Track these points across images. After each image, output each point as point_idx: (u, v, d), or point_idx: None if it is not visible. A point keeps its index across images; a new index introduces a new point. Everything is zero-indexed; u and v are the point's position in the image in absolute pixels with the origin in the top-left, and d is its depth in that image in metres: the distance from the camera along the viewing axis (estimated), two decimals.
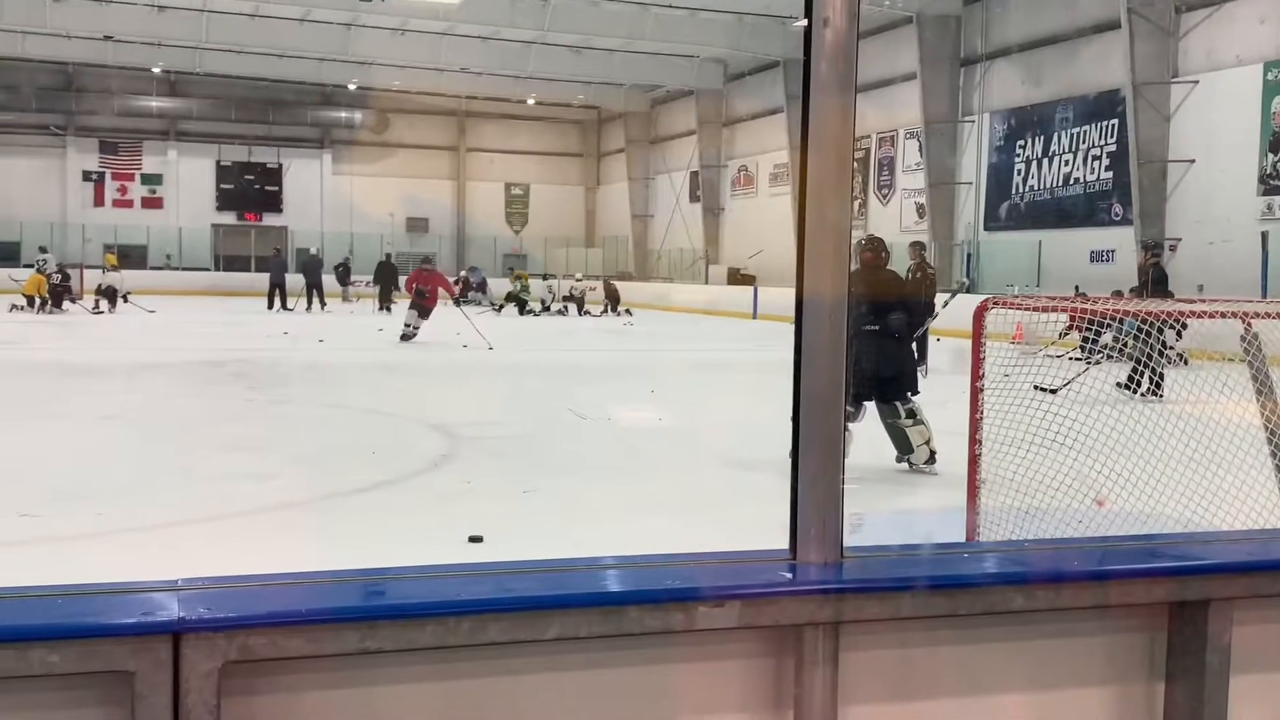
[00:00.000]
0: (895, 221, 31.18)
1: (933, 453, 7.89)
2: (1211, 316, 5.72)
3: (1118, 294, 18.94)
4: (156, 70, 40.84)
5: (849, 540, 1.53)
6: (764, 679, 1.46)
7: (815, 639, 1.43)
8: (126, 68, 39.75)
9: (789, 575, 1.45)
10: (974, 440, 5.18)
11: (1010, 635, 1.53)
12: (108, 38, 35.18)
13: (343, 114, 45.33)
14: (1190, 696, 1.55)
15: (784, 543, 1.54)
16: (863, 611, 1.44)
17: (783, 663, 1.45)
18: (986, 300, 5.44)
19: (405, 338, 20.41)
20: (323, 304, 31.56)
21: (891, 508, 7.06)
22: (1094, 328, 8.18)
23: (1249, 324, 5.18)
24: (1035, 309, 5.62)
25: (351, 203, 44.80)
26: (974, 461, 5.12)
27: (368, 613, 1.28)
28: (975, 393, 5.36)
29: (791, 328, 1.61)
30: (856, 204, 33.28)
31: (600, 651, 1.38)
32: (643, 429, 10.22)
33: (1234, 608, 1.55)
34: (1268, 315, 5.28)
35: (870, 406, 8.05)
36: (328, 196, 45.58)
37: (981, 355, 5.44)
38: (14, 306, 26.65)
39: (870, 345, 7.79)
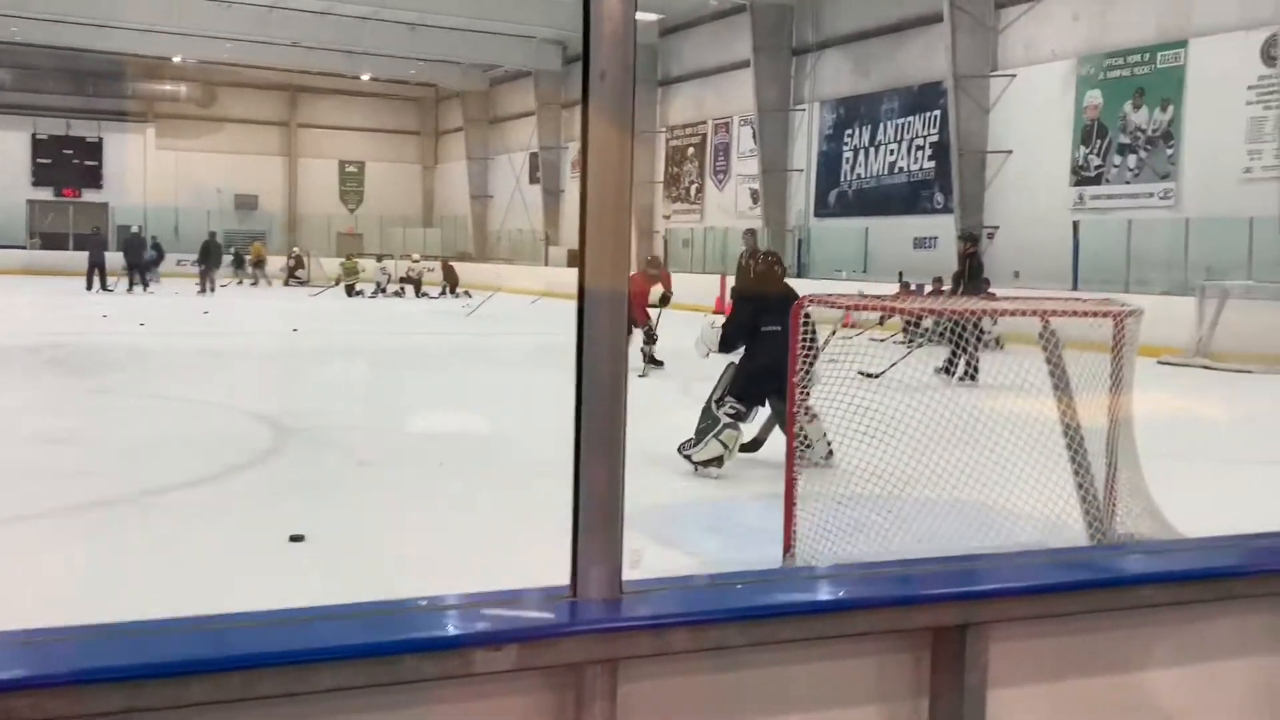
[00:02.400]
0: (731, 207, 31.67)
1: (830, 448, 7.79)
2: (1012, 314, 6.00)
3: (938, 280, 19.70)
4: None
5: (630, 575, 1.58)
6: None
7: (594, 677, 1.47)
8: None
9: (568, 615, 1.49)
10: (791, 436, 5.32)
11: (781, 661, 1.59)
12: None
13: (167, 87, 43.66)
14: (951, 714, 1.65)
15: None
16: (638, 648, 1.49)
17: (563, 701, 1.49)
18: (804, 299, 5.58)
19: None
20: (145, 284, 30.43)
21: (714, 512, 7.18)
22: (915, 315, 8.51)
23: (1047, 322, 5.44)
24: (853, 306, 5.80)
25: (176, 179, 43.27)
26: (791, 458, 5.27)
27: (132, 672, 1.26)
28: (793, 390, 5.51)
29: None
30: (693, 188, 33.69)
31: (378, 697, 1.39)
32: (471, 426, 10.08)
33: (989, 630, 1.66)
34: (1065, 313, 5.55)
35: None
36: (151, 172, 43.90)
37: (802, 351, 5.60)
38: None
39: (773, 345, 7.32)
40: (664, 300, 14.25)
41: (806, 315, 5.71)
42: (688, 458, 7.51)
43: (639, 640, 1.48)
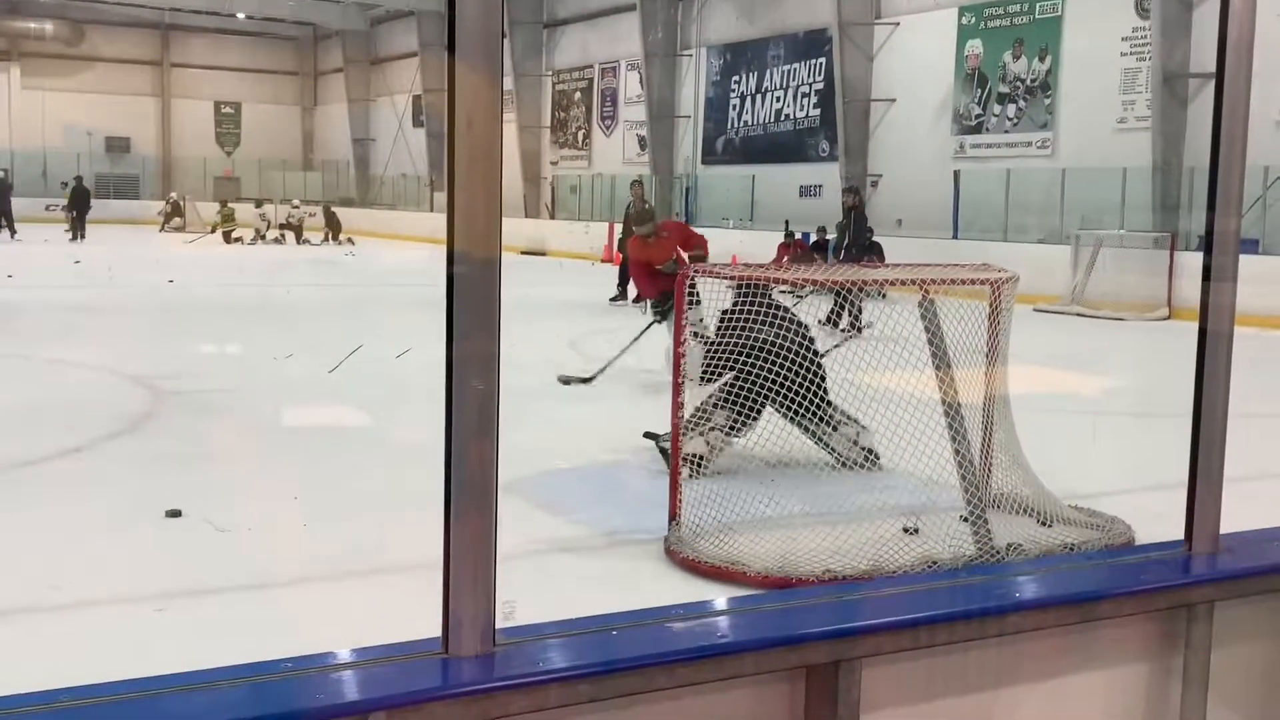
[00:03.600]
0: (618, 154, 31.51)
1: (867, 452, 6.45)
2: (892, 284, 6.07)
3: (822, 230, 19.93)
4: None
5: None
6: None
7: None
8: None
9: (439, 677, 1.46)
10: (676, 411, 5.34)
11: (660, 709, 1.59)
12: None
13: (32, 25, 41.74)
14: None
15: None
16: (511, 706, 1.47)
17: None
18: (686, 271, 5.58)
19: None
20: (13, 231, 29.26)
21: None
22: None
23: (926, 292, 5.51)
24: (737, 277, 5.82)
25: (44, 120, 41.54)
26: (677, 436, 5.29)
27: None
28: (678, 359, 5.52)
29: (515, 257, 1.54)
30: (580, 134, 33.42)
31: None
32: (350, 393, 9.84)
33: (860, 666, 1.68)
34: (944, 282, 5.62)
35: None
36: (16, 113, 42.04)
37: (686, 323, 5.61)
38: None
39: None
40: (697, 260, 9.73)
41: (692, 286, 5.73)
42: (663, 451, 6.37)
43: (511, 700, 1.46)
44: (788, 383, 5.78)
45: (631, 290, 16.77)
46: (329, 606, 4.62)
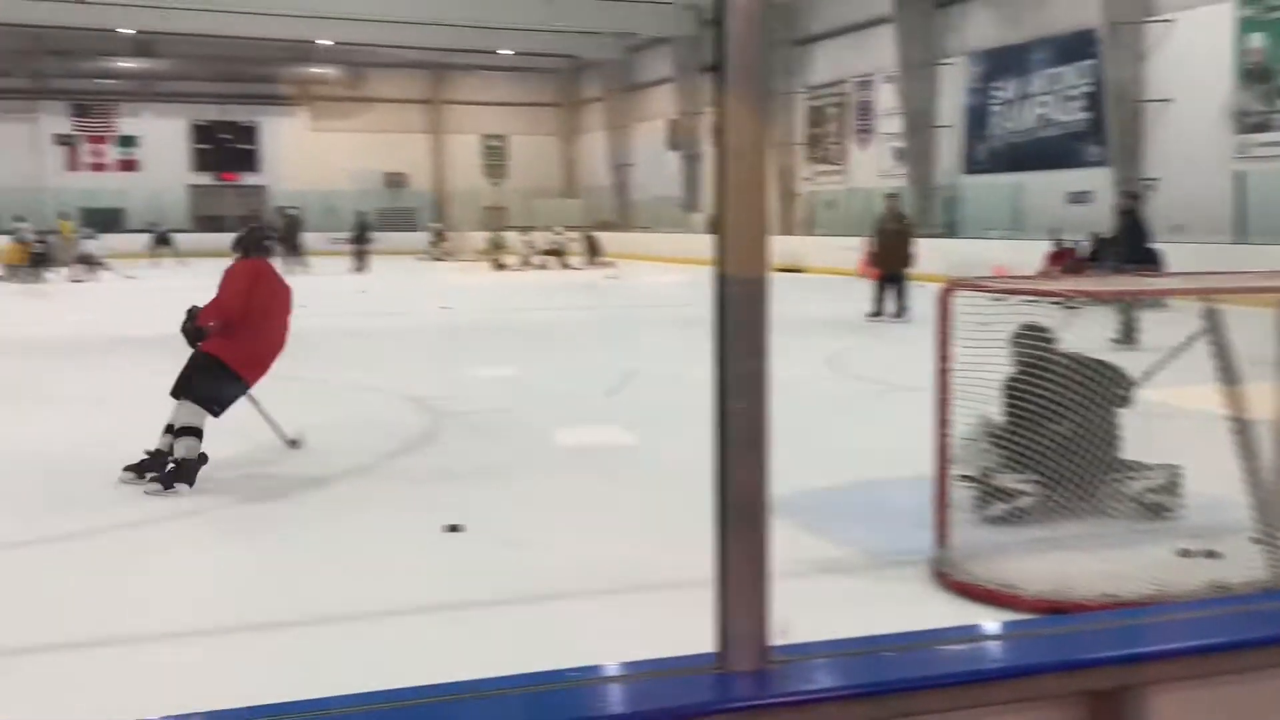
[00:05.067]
0: (875, 167, 31.12)
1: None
2: (1173, 294, 5.76)
3: (1095, 237, 19.04)
4: (127, 31, 40.25)
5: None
6: None
7: None
8: (97, 29, 39.19)
9: (714, 691, 1.49)
10: (944, 430, 5.23)
11: None
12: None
13: (316, 70, 44.88)
14: None
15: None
16: None
17: None
18: (950, 284, 5.45)
19: None
20: (304, 264, 31.40)
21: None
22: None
23: (1210, 301, 5.21)
24: (1001, 290, 5.64)
25: (330, 160, 44.52)
26: (945, 455, 5.18)
27: None
28: (945, 377, 5.40)
29: (775, 275, 1.56)
30: (835, 149, 33.18)
31: None
32: (621, 413, 10.12)
33: (1147, 693, 1.61)
34: (1230, 290, 5.30)
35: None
36: (305, 154, 45.24)
37: (949, 339, 5.48)
38: None
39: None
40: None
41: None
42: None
43: (789, 717, 1.48)
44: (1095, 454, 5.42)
45: (889, 305, 16.54)
46: (604, 620, 4.76)
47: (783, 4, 33.21)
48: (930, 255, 19.44)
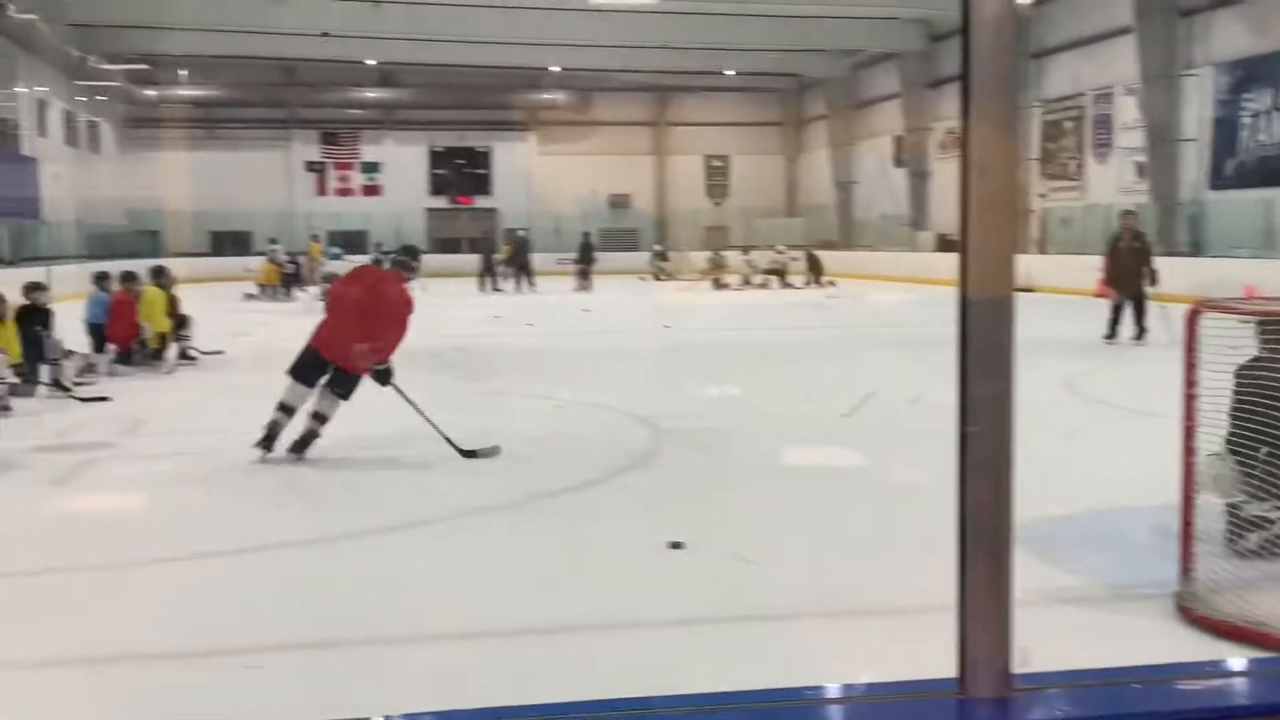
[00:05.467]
0: (1113, 182, 29.86)
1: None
2: None
3: None
4: (371, 63, 42.50)
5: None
6: None
7: None
8: (344, 61, 41.49)
9: (955, 716, 1.46)
10: (1189, 457, 4.97)
11: None
12: (325, 34, 36.81)
13: (546, 96, 46.23)
14: None
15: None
16: None
17: None
18: (1197, 305, 5.18)
19: None
20: (531, 284, 32.37)
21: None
22: None
23: None
24: (1254, 312, 5.32)
25: (556, 182, 45.74)
26: (1190, 483, 4.91)
27: None
28: (1191, 403, 5.14)
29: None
30: (1072, 164, 32.01)
31: None
32: (844, 433, 10.03)
33: None
34: None
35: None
36: (533, 177, 46.63)
37: (1196, 362, 5.21)
38: (248, 295, 28.29)
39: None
40: None
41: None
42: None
43: None
44: None
45: (1127, 327, 15.80)
46: (832, 640, 4.72)
47: (1019, 17, 32.27)
48: (1174, 275, 18.50)
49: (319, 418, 8.51)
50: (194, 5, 33.03)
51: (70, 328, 13.96)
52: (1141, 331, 15.63)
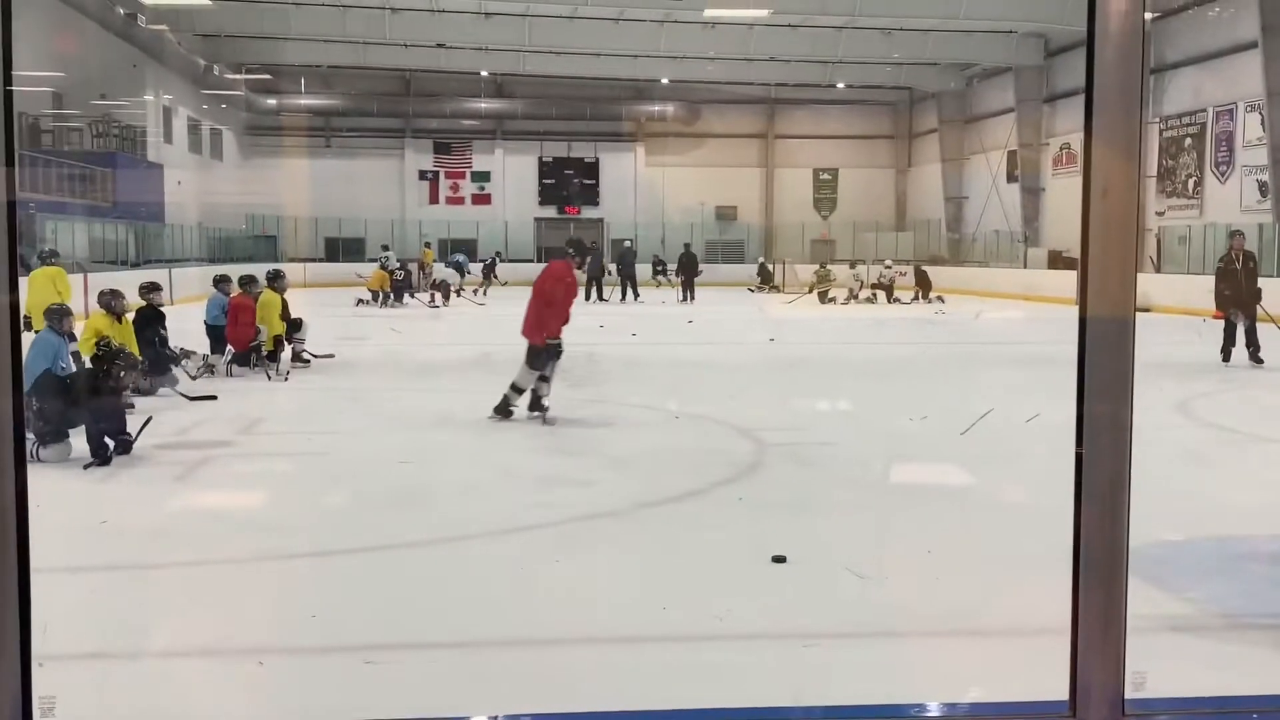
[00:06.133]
0: (1235, 201, 29.02)
1: None
2: None
3: None
4: (484, 74, 43.17)
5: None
6: None
7: None
8: (457, 72, 42.20)
9: None
10: None
11: None
12: (440, 45, 37.53)
13: (655, 108, 46.46)
14: None
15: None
16: None
17: None
18: None
19: None
20: (636, 294, 32.50)
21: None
22: None
23: None
24: None
25: (663, 194, 45.92)
26: None
27: None
28: None
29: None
30: (1190, 182, 31.21)
31: None
32: (953, 452, 9.89)
33: None
34: None
35: None
36: (640, 188, 46.88)
37: None
38: (359, 300, 28.88)
39: None
40: None
41: None
42: None
43: None
44: None
45: (1241, 349, 15.34)
46: (941, 658, 4.68)
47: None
48: None
49: (515, 388, 10.54)
50: (314, 17, 33.98)
51: (190, 329, 14.44)
52: (1256, 352, 15.20)
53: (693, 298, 32.36)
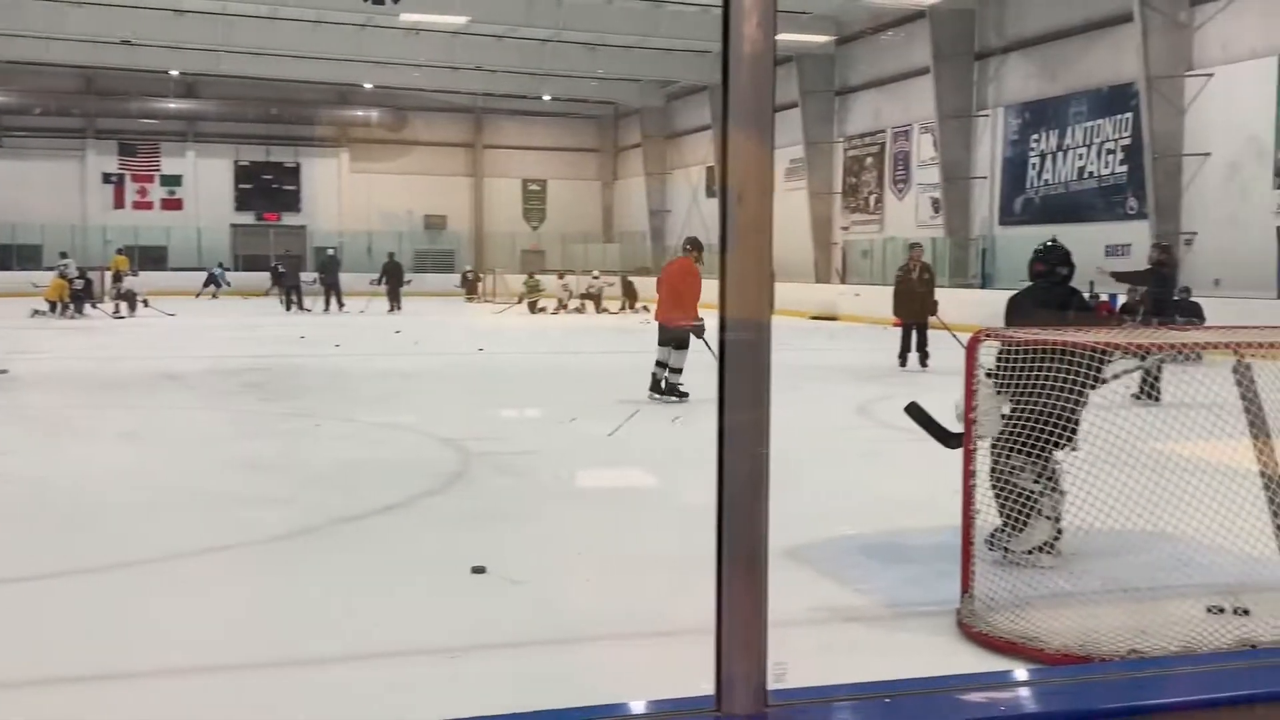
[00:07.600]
0: (911, 216, 31.14)
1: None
2: (1202, 348, 5.73)
3: (1132, 291, 18.90)
4: (175, 73, 41.06)
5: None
6: None
7: None
8: (145, 71, 39.97)
9: None
10: (968, 478, 5.20)
11: None
12: (126, 41, 35.39)
13: (359, 113, 45.53)
14: None
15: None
16: None
17: None
18: (979, 333, 5.45)
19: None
20: (340, 304, 31.72)
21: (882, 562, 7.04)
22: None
23: (1241, 355, 5.18)
24: (1029, 340, 5.63)
25: (369, 201, 45.03)
26: (969, 504, 5.15)
27: None
28: (969, 426, 5.39)
29: (806, 323, 1.55)
30: (872, 199, 33.24)
31: None
32: (646, 457, 10.17)
33: None
34: (1262, 345, 5.25)
35: None
36: (345, 195, 45.79)
37: (976, 387, 5.47)
38: (35, 311, 26.90)
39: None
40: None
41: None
42: (1006, 550, 5.75)
43: None
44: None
45: (913, 354, 16.48)
46: (611, 661, 4.75)
47: (823, 55, 33.45)
48: (963, 305, 19.38)
49: (661, 365, 12.97)
50: None
51: None
52: (924, 358, 16.33)
53: (399, 307, 31.87)
